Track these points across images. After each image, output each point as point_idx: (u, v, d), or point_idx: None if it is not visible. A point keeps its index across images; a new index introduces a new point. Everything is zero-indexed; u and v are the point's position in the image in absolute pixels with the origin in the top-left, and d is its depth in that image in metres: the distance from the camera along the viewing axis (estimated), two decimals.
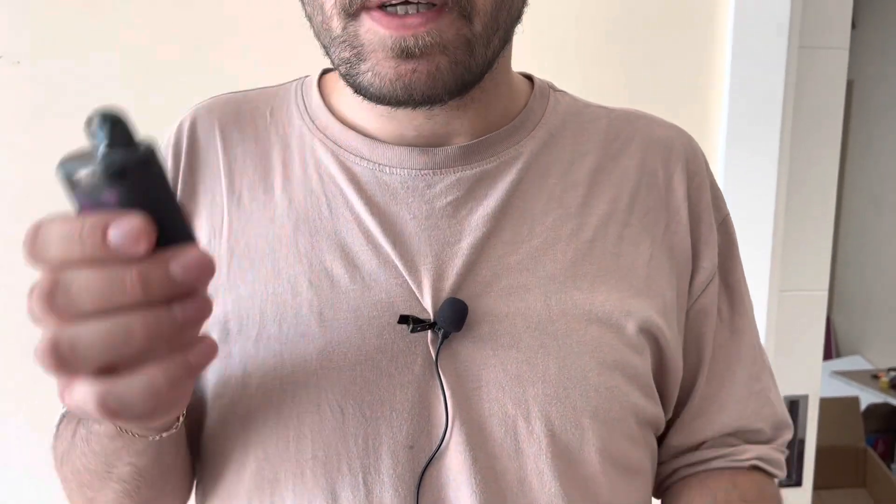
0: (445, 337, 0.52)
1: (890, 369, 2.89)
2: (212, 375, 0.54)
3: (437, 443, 0.52)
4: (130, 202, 0.32)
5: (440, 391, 0.52)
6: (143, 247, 0.32)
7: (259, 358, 0.53)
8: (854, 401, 2.52)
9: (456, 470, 0.52)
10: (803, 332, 1.23)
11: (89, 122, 0.32)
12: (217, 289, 0.54)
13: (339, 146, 0.57)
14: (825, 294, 1.24)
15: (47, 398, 1.02)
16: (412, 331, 0.51)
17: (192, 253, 0.33)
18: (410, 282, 0.53)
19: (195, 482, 0.61)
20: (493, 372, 0.52)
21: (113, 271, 0.32)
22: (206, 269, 0.34)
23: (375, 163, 0.56)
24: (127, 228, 0.31)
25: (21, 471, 1.07)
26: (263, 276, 0.54)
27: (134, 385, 0.33)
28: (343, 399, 0.52)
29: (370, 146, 0.56)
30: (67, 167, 0.33)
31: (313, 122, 0.59)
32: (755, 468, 0.63)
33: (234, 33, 1.02)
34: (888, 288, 3.15)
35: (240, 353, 0.53)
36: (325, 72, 0.62)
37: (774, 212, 1.14)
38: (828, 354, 3.30)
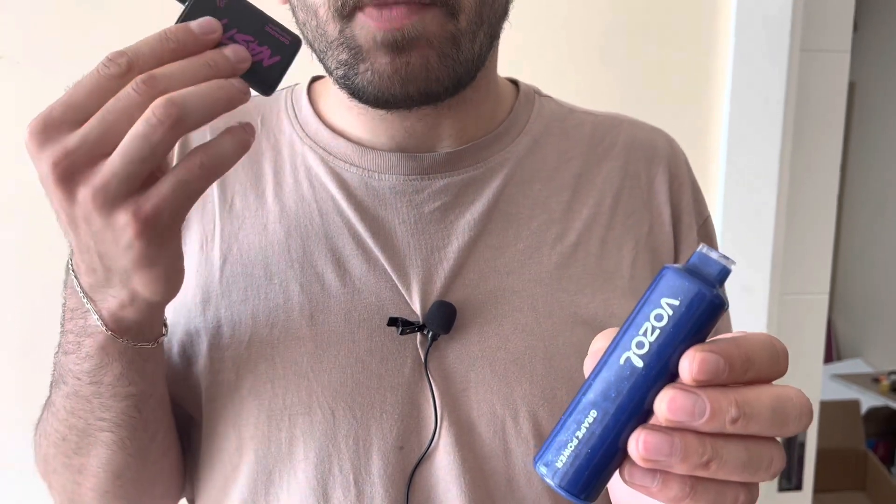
0: (434, 339, 0.53)
1: (891, 372, 2.89)
2: (204, 379, 0.55)
3: (427, 444, 0.52)
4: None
5: (429, 392, 0.52)
6: (216, 36, 0.44)
7: (251, 361, 0.53)
8: (854, 404, 2.51)
9: (445, 470, 0.52)
10: (804, 336, 1.23)
11: None
12: (210, 294, 0.55)
13: (329, 153, 0.57)
14: (826, 297, 1.23)
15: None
16: (401, 333, 0.52)
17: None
18: (400, 285, 0.54)
19: (188, 484, 0.61)
20: (481, 373, 0.53)
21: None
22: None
23: (365, 169, 0.56)
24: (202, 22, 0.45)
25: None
26: (256, 282, 0.55)
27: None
28: (334, 401, 0.52)
29: (359, 152, 0.56)
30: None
31: (303, 129, 0.59)
32: None
33: None
34: (889, 291, 3.14)
35: (232, 356, 0.54)
36: (315, 80, 0.62)
37: (776, 215, 1.13)
38: (828, 357, 3.29)
